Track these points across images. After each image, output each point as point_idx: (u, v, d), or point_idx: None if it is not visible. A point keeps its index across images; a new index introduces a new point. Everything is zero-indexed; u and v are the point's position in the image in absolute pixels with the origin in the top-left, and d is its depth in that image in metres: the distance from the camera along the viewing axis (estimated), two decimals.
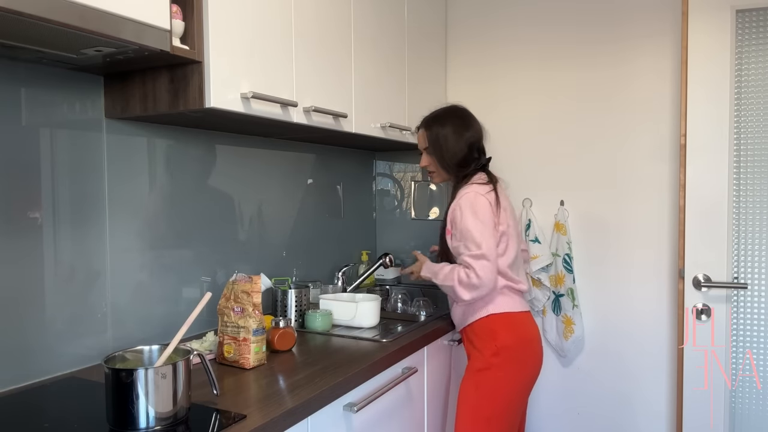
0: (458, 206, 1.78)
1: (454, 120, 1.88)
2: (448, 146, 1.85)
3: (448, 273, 1.78)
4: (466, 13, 2.60)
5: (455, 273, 1.75)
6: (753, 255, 2.05)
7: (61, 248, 1.44)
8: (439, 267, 1.85)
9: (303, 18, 1.69)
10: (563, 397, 2.44)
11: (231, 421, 1.14)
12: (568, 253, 2.34)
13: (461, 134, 1.86)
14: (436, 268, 1.85)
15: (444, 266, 1.83)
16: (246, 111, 1.48)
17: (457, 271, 1.75)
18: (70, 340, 1.46)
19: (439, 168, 1.90)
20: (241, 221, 2.00)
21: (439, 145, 1.86)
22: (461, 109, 1.93)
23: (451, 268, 1.79)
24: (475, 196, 1.77)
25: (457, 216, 1.77)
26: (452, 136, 1.85)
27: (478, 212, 1.75)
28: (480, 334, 1.81)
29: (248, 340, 1.47)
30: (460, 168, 1.87)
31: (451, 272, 1.77)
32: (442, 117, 1.90)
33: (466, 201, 1.77)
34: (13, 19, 0.98)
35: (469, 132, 1.88)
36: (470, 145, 1.87)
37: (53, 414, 1.22)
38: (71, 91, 1.46)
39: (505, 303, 1.81)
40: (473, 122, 1.91)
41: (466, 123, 1.88)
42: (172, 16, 1.27)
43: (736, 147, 2.05)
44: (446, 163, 1.87)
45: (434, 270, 1.85)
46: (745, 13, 2.03)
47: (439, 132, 1.86)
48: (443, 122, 1.88)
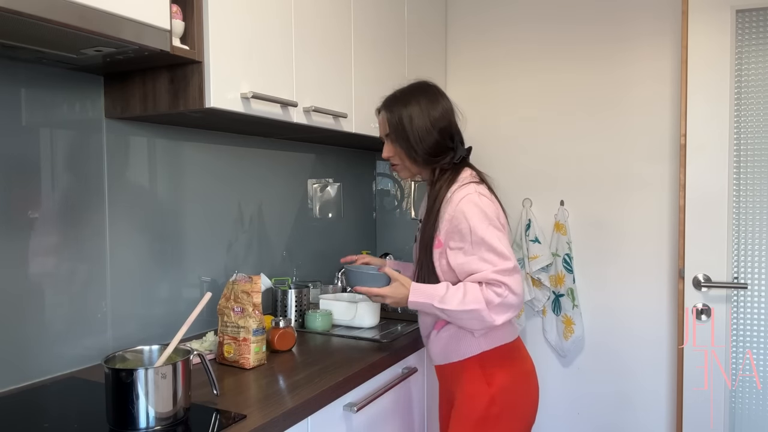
0: (460, 212, 1.43)
1: (420, 98, 1.53)
2: (414, 131, 1.50)
3: (466, 296, 1.39)
4: (466, 14, 2.60)
5: (479, 294, 1.38)
6: (753, 255, 2.05)
7: (61, 248, 1.44)
8: (439, 289, 1.43)
9: (303, 18, 1.69)
10: (563, 397, 2.44)
11: (231, 421, 1.14)
12: (568, 253, 2.34)
13: (429, 115, 1.51)
14: (435, 290, 1.44)
15: (446, 288, 1.43)
16: (246, 111, 1.48)
17: (482, 292, 1.38)
18: (70, 340, 1.46)
19: (405, 159, 1.54)
20: (241, 221, 2.00)
21: (403, 129, 1.50)
22: (429, 84, 1.58)
23: (464, 288, 1.40)
24: (478, 197, 1.45)
25: (462, 224, 1.42)
26: (419, 117, 1.50)
27: (490, 217, 1.43)
28: (470, 378, 1.48)
29: (248, 340, 1.47)
30: (432, 158, 1.52)
31: (470, 293, 1.39)
32: (405, 95, 1.55)
33: (470, 204, 1.43)
34: (13, 19, 0.98)
35: (437, 111, 1.52)
36: (441, 130, 1.51)
37: (53, 414, 1.22)
38: (71, 91, 1.46)
39: (500, 333, 1.49)
40: (442, 99, 1.55)
41: (434, 101, 1.53)
42: (172, 16, 1.27)
43: (736, 147, 2.05)
44: (414, 153, 1.51)
45: (432, 293, 1.43)
46: (745, 13, 2.03)
47: (402, 113, 1.51)
48: (406, 101, 1.53)
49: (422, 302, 1.44)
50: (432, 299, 1.42)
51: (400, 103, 1.53)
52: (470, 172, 1.54)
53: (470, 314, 1.39)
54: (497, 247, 1.39)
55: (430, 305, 1.43)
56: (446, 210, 1.47)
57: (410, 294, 1.45)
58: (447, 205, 1.47)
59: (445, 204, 1.48)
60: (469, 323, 1.42)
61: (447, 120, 1.53)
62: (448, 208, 1.46)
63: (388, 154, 1.58)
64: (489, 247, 1.40)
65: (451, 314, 1.41)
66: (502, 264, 1.38)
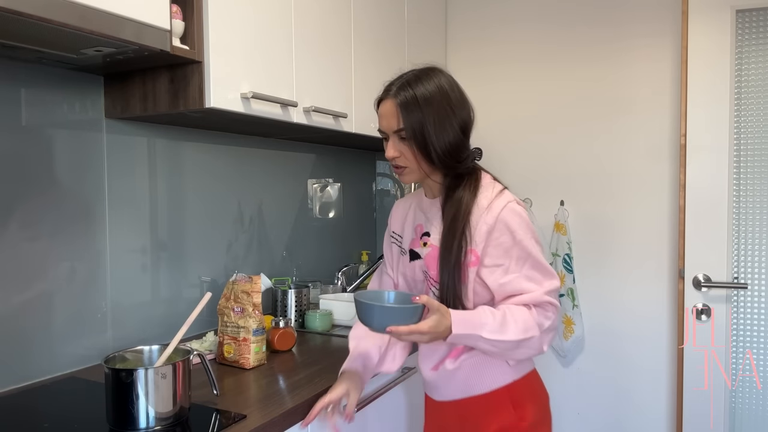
0: (503, 223, 1.22)
1: (444, 90, 1.24)
2: (438, 132, 1.21)
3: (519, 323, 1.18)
4: (466, 14, 2.60)
5: (531, 318, 1.20)
6: (753, 255, 2.05)
7: (61, 248, 1.44)
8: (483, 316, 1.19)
9: (303, 18, 1.69)
10: (563, 397, 2.44)
11: (231, 421, 1.14)
12: (568, 253, 2.34)
13: (456, 111, 1.24)
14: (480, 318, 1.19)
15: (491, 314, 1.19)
16: (246, 111, 1.48)
17: (533, 316, 1.20)
18: (70, 340, 1.46)
19: (419, 161, 1.24)
20: (241, 221, 2.00)
21: (422, 128, 1.21)
22: (448, 75, 1.29)
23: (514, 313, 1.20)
24: (519, 206, 1.26)
25: (505, 237, 1.22)
26: (446, 115, 1.22)
27: (533, 229, 1.25)
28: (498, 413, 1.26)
29: (248, 340, 1.47)
30: (454, 163, 1.25)
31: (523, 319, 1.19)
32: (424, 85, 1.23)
33: (513, 214, 1.22)
34: (13, 19, 0.98)
35: (465, 108, 1.27)
36: (466, 129, 1.27)
37: (53, 414, 1.21)
38: (71, 91, 1.46)
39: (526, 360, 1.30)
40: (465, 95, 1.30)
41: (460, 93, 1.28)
42: (172, 16, 1.27)
43: (736, 147, 2.05)
44: (432, 156, 1.23)
45: (478, 322, 1.18)
46: (745, 13, 2.03)
47: (425, 109, 1.21)
48: (429, 93, 1.22)
49: (467, 334, 1.16)
50: (479, 330, 1.16)
51: (420, 97, 1.21)
52: (491, 177, 1.32)
53: (527, 343, 1.19)
54: (543, 263, 1.23)
55: (478, 337, 1.16)
56: (482, 220, 1.22)
57: (453, 325, 1.15)
58: (483, 214, 1.23)
59: (478, 213, 1.23)
60: (518, 353, 1.22)
61: (469, 118, 1.28)
62: (486, 217, 1.22)
63: (394, 154, 1.25)
64: (535, 263, 1.22)
65: (502, 345, 1.18)
66: (550, 284, 1.22)
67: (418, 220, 1.36)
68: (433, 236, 1.30)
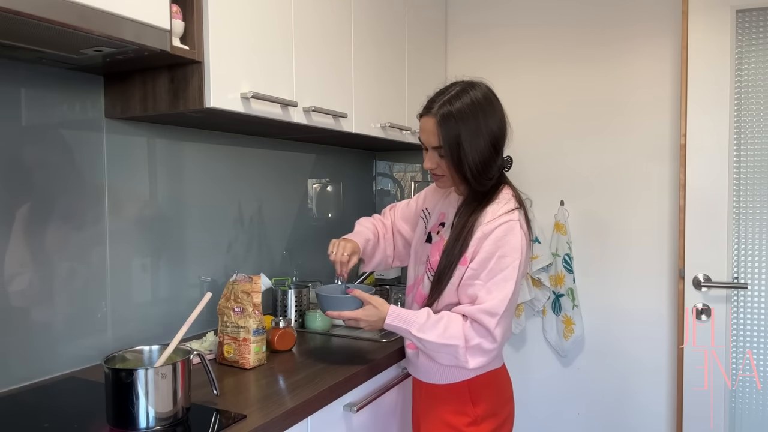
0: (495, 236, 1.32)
1: (478, 110, 1.34)
2: (472, 150, 1.32)
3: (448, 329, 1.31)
4: (465, 14, 2.59)
5: (460, 328, 1.31)
6: (753, 255, 2.05)
7: (61, 248, 1.44)
8: (419, 316, 1.34)
9: (303, 18, 1.69)
10: (563, 397, 2.44)
11: (231, 421, 1.14)
12: (568, 253, 2.34)
13: (489, 132, 1.35)
14: (415, 317, 1.34)
15: (426, 316, 1.34)
16: (246, 111, 1.48)
17: (463, 327, 1.31)
18: (70, 340, 1.46)
19: (454, 174, 1.38)
20: (241, 221, 2.00)
21: (458, 147, 1.32)
22: (486, 90, 1.40)
23: (447, 320, 1.32)
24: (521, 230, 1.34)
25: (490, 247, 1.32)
26: (479, 136, 1.33)
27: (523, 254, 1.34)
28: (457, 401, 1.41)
29: (248, 340, 1.47)
30: (484, 178, 1.36)
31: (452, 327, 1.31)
32: (463, 104, 1.33)
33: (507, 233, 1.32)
34: (13, 19, 0.98)
35: (496, 125, 1.36)
36: (498, 147, 1.37)
37: (53, 414, 1.21)
38: (71, 91, 1.46)
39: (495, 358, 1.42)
40: (499, 108, 1.40)
41: (493, 112, 1.37)
42: (172, 16, 1.27)
43: (736, 147, 2.05)
44: (465, 172, 1.34)
45: (412, 319, 1.34)
46: (745, 13, 2.03)
47: (462, 130, 1.32)
48: (464, 113, 1.32)
49: (399, 327, 1.36)
50: (410, 326, 1.34)
51: (458, 115, 1.32)
52: (511, 193, 1.41)
53: (447, 349, 1.31)
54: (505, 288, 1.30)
55: (407, 331, 1.34)
56: (480, 229, 1.34)
57: (387, 317, 1.36)
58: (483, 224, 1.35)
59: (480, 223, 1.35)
60: (442, 357, 1.35)
61: (504, 134, 1.39)
62: (485, 228, 1.34)
63: (432, 165, 1.39)
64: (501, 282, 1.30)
65: (427, 344, 1.33)
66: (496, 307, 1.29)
67: (443, 209, 1.52)
68: (446, 230, 1.45)
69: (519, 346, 2.53)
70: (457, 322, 1.31)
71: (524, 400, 2.46)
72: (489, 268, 1.31)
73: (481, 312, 1.29)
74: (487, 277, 1.31)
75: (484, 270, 1.32)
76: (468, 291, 1.34)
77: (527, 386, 2.48)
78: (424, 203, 1.62)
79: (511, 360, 2.52)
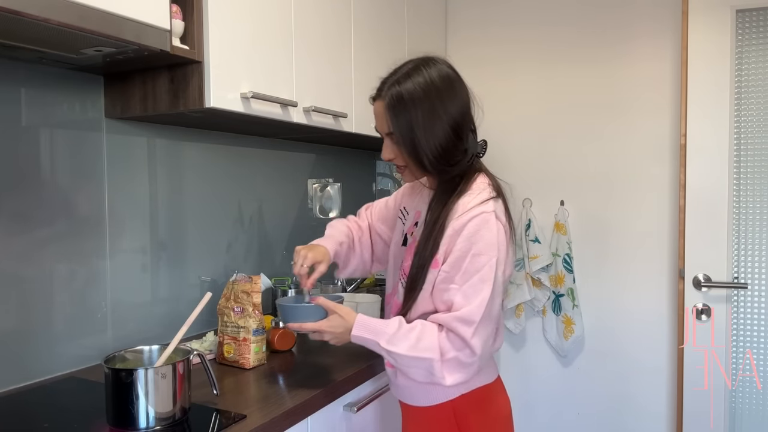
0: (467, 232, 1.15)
1: (433, 90, 1.17)
2: (428, 135, 1.16)
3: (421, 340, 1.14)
4: (466, 13, 2.60)
5: (435, 340, 1.14)
6: (753, 255, 2.05)
7: (61, 248, 1.44)
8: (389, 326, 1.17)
9: (303, 18, 1.69)
10: (563, 397, 2.44)
11: (231, 421, 1.14)
12: (568, 253, 2.34)
13: (446, 113, 1.16)
14: (384, 327, 1.18)
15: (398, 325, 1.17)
16: (246, 111, 1.48)
17: (438, 338, 1.14)
18: (70, 340, 1.46)
19: (411, 164, 1.22)
20: (241, 221, 2.00)
21: (410, 132, 1.16)
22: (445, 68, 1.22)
23: (419, 330, 1.15)
24: (496, 223, 1.17)
25: (462, 245, 1.15)
26: (432, 119, 1.16)
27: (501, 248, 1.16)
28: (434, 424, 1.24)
29: (248, 340, 1.47)
30: (445, 167, 1.20)
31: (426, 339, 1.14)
32: (415, 84, 1.17)
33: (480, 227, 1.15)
34: (13, 19, 0.98)
35: (455, 107, 1.18)
36: (458, 131, 1.18)
37: (53, 414, 1.21)
38: (71, 91, 1.46)
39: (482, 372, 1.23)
40: (459, 87, 1.21)
41: (450, 92, 1.19)
42: (172, 16, 1.27)
43: (736, 147, 2.05)
44: (423, 160, 1.18)
45: (381, 330, 1.17)
46: (745, 13, 2.03)
47: (411, 113, 1.15)
48: (418, 95, 1.16)
49: (367, 338, 1.18)
50: (379, 337, 1.16)
51: (408, 97, 1.16)
52: (486, 181, 1.24)
53: (420, 363, 1.14)
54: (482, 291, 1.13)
55: (375, 343, 1.17)
56: (451, 225, 1.17)
57: (354, 328, 1.19)
58: (454, 219, 1.17)
59: (451, 217, 1.18)
60: (415, 373, 1.17)
61: (466, 117, 1.21)
62: (455, 223, 1.17)
63: (390, 156, 1.23)
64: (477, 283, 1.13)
65: (398, 358, 1.15)
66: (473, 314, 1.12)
67: (418, 207, 1.34)
68: (419, 229, 1.27)
69: (519, 346, 2.53)
70: (432, 333, 1.14)
71: (524, 400, 2.46)
72: (463, 269, 1.14)
73: (455, 320, 1.12)
74: (462, 280, 1.14)
75: (458, 272, 1.14)
76: (443, 297, 1.16)
77: (527, 386, 2.48)
78: (402, 201, 1.44)
79: (511, 360, 2.53)
